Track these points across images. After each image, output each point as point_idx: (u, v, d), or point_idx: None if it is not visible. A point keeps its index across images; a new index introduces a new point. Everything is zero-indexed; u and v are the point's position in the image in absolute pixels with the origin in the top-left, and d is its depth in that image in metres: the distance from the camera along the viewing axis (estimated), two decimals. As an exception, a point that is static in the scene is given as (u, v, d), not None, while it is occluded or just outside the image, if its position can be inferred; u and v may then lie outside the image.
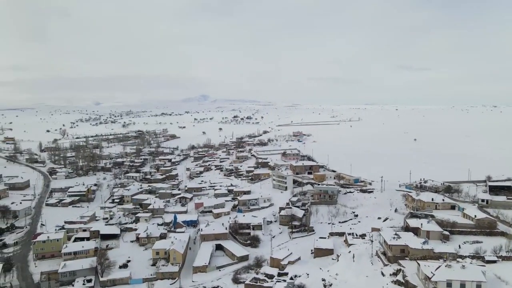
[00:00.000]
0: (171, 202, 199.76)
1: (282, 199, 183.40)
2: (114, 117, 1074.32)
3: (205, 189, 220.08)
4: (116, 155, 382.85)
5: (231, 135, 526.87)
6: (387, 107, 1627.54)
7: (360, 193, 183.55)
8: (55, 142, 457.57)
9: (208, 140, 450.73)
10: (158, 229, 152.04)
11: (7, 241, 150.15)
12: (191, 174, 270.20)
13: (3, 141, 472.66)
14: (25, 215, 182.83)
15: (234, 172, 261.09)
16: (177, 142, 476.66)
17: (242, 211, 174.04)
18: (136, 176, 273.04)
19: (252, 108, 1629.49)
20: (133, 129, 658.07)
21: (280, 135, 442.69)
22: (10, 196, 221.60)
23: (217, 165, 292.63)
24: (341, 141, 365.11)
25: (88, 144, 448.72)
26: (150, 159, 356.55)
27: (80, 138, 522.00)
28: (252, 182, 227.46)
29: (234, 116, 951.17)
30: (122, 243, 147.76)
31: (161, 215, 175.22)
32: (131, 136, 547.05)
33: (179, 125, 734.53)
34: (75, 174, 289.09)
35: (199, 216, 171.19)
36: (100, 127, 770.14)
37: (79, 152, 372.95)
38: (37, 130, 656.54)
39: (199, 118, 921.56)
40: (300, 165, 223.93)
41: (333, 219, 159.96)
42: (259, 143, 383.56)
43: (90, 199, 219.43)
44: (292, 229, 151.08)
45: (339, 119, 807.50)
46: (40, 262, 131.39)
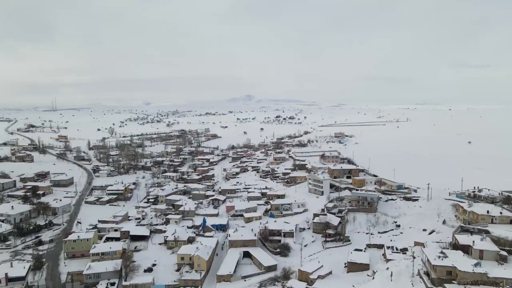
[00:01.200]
0: (204, 204, 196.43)
1: (317, 205, 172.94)
2: (160, 117, 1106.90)
3: (239, 191, 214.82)
4: (157, 154, 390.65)
5: (272, 135, 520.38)
6: (439, 107, 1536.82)
7: (404, 201, 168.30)
8: (102, 141, 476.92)
9: (248, 140, 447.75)
10: (187, 232, 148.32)
11: (44, 238, 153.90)
12: (227, 175, 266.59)
13: (57, 139, 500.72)
14: (64, 212, 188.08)
15: (270, 174, 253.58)
16: (218, 142, 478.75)
17: (274, 216, 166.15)
18: (173, 176, 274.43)
19: (295, 108, 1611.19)
20: (176, 129, 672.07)
21: (321, 136, 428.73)
22: (54, 192, 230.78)
23: (254, 166, 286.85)
24: (386, 143, 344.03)
25: (133, 143, 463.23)
26: (189, 158, 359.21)
27: (126, 136, 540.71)
28: (287, 185, 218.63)
29: (276, 116, 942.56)
30: (150, 245, 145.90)
31: (192, 217, 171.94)
32: (174, 135, 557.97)
33: (221, 125, 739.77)
34: (117, 172, 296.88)
35: (229, 220, 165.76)
36: (146, 126, 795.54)
37: (123, 151, 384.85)
38: (89, 128, 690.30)
39: (242, 118, 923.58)
40: (338, 169, 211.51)
41: (371, 228, 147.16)
42: (298, 144, 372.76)
43: (127, 198, 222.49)
44: (326, 238, 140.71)
45: (386, 120, 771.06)
46: (70, 262, 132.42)
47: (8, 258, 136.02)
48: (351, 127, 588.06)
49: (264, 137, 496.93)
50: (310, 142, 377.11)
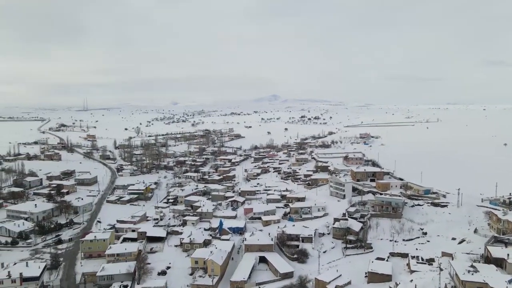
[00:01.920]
0: (223, 205, 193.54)
1: (338, 209, 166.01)
2: (186, 116, 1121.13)
3: (259, 193, 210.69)
4: (180, 153, 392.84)
5: (296, 135, 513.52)
6: (472, 107, 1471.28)
7: (431, 206, 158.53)
8: (128, 140, 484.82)
9: (271, 141, 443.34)
10: (203, 235, 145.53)
11: (63, 237, 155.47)
12: (248, 175, 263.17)
13: (85, 138, 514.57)
14: (85, 211, 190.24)
15: (292, 175, 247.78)
16: (241, 142, 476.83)
17: (293, 219, 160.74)
18: (194, 176, 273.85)
19: (321, 108, 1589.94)
20: (201, 128, 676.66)
21: (345, 136, 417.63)
22: (78, 191, 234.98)
23: (276, 167, 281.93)
24: (414, 144, 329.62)
25: (157, 142, 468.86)
26: (211, 158, 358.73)
27: (151, 136, 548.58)
28: (308, 187, 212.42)
29: (301, 116, 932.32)
30: (166, 247, 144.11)
31: (209, 219, 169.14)
32: (198, 135, 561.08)
33: (245, 125, 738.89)
34: (140, 171, 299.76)
35: (247, 222, 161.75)
36: (172, 126, 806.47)
37: (147, 150, 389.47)
38: (117, 128, 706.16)
39: (266, 118, 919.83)
40: (362, 171, 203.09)
41: (396, 235, 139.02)
42: (322, 145, 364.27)
43: (147, 198, 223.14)
44: (346, 245, 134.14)
45: (415, 120, 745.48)
46: (86, 262, 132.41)
47: (27, 257, 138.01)
48: (378, 127, 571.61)
49: (288, 138, 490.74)
50: (334, 143, 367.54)
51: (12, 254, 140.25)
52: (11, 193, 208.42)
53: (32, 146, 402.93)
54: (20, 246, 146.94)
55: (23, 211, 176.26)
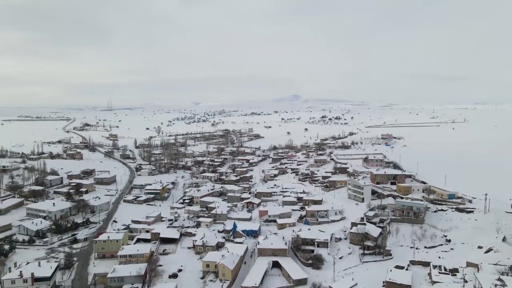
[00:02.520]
0: (238, 207, 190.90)
1: (356, 213, 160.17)
2: (207, 116, 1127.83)
3: (275, 195, 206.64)
4: (199, 153, 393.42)
5: (316, 136, 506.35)
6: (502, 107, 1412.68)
7: (456, 212, 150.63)
8: (149, 140, 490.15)
9: (290, 141, 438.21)
10: (216, 237, 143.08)
11: (79, 237, 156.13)
12: (265, 176, 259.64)
13: (107, 138, 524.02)
14: (102, 211, 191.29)
15: (310, 177, 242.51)
16: (260, 142, 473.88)
17: (309, 223, 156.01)
18: (211, 176, 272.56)
19: (343, 108, 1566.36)
20: (221, 128, 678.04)
21: (366, 137, 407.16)
22: (97, 190, 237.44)
23: (294, 169, 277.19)
24: (438, 146, 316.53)
25: (177, 142, 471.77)
26: (230, 158, 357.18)
27: (172, 136, 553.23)
28: (326, 189, 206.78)
29: (322, 116, 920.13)
30: (179, 248, 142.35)
31: (224, 221, 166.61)
32: (217, 135, 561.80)
33: (265, 125, 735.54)
34: (158, 171, 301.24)
35: (262, 225, 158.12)
36: (192, 125, 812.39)
37: (167, 150, 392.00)
38: (139, 127, 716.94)
39: (286, 118, 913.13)
40: (382, 174, 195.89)
41: (417, 242, 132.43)
42: (341, 145, 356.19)
43: (164, 198, 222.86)
44: (364, 251, 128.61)
45: (440, 121, 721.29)
46: (99, 262, 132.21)
47: (43, 255, 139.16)
48: (401, 128, 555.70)
49: (307, 138, 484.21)
50: (354, 144, 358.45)
51: (28, 252, 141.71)
52: (32, 191, 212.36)
53: (56, 145, 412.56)
54: (37, 244, 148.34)
55: (41, 210, 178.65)
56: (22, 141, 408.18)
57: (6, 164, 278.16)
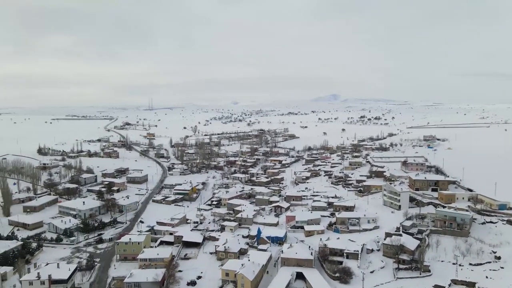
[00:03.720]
0: (266, 211, 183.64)
1: (391, 221, 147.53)
2: (244, 116, 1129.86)
3: (305, 199, 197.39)
4: (232, 153, 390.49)
5: (353, 136, 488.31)
6: None
7: (507, 225, 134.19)
8: (184, 139, 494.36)
9: (326, 142, 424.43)
10: (239, 243, 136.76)
11: (105, 237, 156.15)
12: (297, 179, 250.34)
13: (145, 137, 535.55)
14: (130, 210, 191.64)
15: (343, 180, 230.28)
16: (295, 143, 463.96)
17: (339, 231, 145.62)
18: (241, 177, 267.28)
19: (384, 107, 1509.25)
20: (256, 128, 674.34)
21: (407, 138, 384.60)
22: (128, 189, 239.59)
23: (327, 171, 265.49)
24: (487, 149, 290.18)
25: (211, 141, 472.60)
26: (262, 159, 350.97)
27: (207, 135, 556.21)
28: (360, 194, 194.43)
29: (360, 116, 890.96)
30: (201, 253, 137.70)
31: (249, 225, 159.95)
32: (252, 134, 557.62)
33: (301, 125, 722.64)
34: (189, 171, 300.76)
35: (288, 231, 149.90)
36: (228, 125, 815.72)
37: (201, 149, 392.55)
38: (176, 127, 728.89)
39: (324, 118, 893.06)
40: (422, 179, 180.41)
41: (460, 258, 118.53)
42: (379, 147, 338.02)
43: (192, 199, 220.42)
44: (398, 265, 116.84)
45: (490, 121, 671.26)
46: (120, 264, 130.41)
47: (68, 255, 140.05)
48: (446, 129, 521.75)
49: (344, 139, 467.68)
50: (393, 145, 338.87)
51: (55, 251, 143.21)
52: (66, 189, 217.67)
53: (96, 144, 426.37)
54: (64, 243, 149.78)
55: (72, 208, 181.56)
56: (65, 139, 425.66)
57: (47, 161, 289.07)
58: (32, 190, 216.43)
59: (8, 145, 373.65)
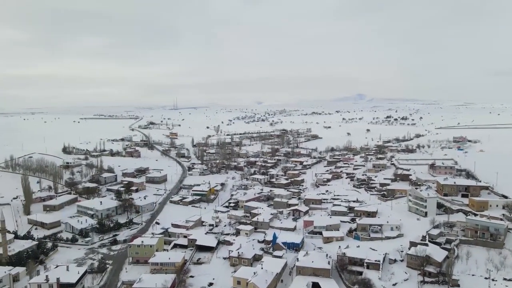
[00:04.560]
0: (284, 214, 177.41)
1: (417, 229, 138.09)
2: (267, 116, 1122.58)
3: (325, 202, 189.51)
4: (253, 153, 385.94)
5: (378, 137, 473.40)
6: None
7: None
8: (206, 138, 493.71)
9: (349, 143, 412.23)
10: (253, 249, 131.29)
11: (119, 238, 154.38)
12: (317, 181, 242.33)
13: (167, 136, 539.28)
14: (146, 211, 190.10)
15: (366, 183, 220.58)
16: (317, 143, 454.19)
17: (360, 238, 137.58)
18: (261, 179, 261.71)
19: (411, 107, 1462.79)
20: (278, 128, 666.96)
21: (435, 140, 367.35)
22: (147, 189, 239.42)
23: (349, 173, 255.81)
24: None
25: (233, 141, 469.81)
26: (283, 160, 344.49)
27: (229, 135, 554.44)
28: (383, 199, 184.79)
29: (386, 116, 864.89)
30: (215, 258, 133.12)
31: (265, 229, 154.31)
32: (274, 134, 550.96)
33: (324, 125, 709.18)
34: (209, 171, 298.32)
35: (306, 237, 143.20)
36: (251, 125, 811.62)
37: (222, 149, 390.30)
38: (199, 126, 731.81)
39: (348, 118, 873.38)
40: (451, 184, 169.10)
41: (494, 272, 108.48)
42: (405, 149, 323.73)
43: (210, 200, 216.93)
44: (424, 278, 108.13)
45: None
46: (132, 268, 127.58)
47: (82, 256, 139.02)
48: (478, 130, 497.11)
49: (368, 140, 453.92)
50: (420, 147, 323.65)
51: (69, 252, 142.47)
52: (86, 188, 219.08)
53: (119, 143, 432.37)
54: (79, 244, 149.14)
55: (89, 208, 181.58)
56: (89, 138, 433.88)
57: (70, 160, 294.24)
58: (53, 189, 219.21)
59: (36, 143, 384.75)
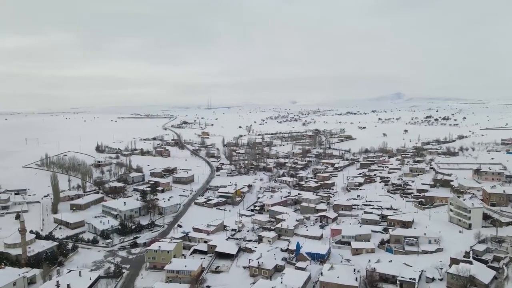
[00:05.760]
0: (310, 220, 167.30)
1: (459, 244, 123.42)
2: (301, 115, 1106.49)
3: (356, 209, 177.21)
4: (283, 154, 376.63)
5: (416, 138, 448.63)
6: None
7: None
8: (237, 138, 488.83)
9: (385, 144, 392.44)
10: (275, 258, 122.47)
11: (140, 240, 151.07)
12: (348, 185, 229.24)
13: (199, 136, 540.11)
14: (170, 213, 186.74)
15: (401, 188, 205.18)
16: (351, 144, 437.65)
17: (393, 251, 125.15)
18: (289, 181, 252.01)
19: (453, 107, 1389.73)
20: (311, 128, 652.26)
21: (480, 142, 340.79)
22: (173, 189, 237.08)
23: (383, 177, 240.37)
24: None
25: (263, 141, 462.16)
26: (314, 161, 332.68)
27: (261, 134, 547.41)
28: (420, 207, 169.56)
29: (426, 116, 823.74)
30: (234, 267, 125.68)
31: (289, 237, 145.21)
32: (306, 135, 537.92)
33: (359, 125, 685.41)
34: (237, 172, 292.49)
35: (332, 247, 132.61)
36: (283, 124, 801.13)
37: (252, 149, 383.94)
38: (232, 126, 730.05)
39: (384, 118, 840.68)
40: (499, 192, 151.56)
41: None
42: (446, 152, 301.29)
43: (235, 203, 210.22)
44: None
45: None
46: (149, 274, 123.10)
47: (101, 258, 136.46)
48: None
49: (406, 141, 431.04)
50: (463, 150, 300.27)
51: (89, 253, 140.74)
52: (113, 187, 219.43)
53: (151, 142, 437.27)
54: (99, 245, 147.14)
55: (113, 208, 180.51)
56: (122, 137, 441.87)
57: (101, 159, 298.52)
58: (82, 188, 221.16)
59: (73, 142, 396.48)
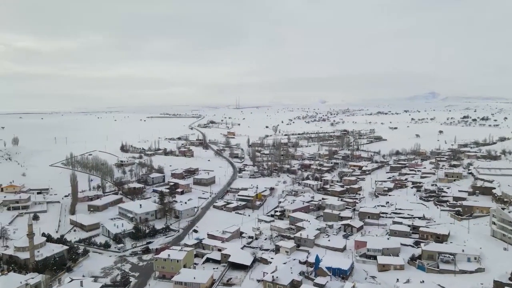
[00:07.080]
0: (334, 229, 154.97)
1: (503, 263, 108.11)
2: (329, 115, 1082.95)
3: (384, 217, 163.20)
4: (309, 155, 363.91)
5: (452, 140, 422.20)
6: None
7: None
8: (263, 138, 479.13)
9: (418, 146, 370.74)
10: (292, 272, 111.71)
11: (152, 246, 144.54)
12: (377, 190, 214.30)
13: (225, 135, 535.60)
14: (187, 216, 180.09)
15: (436, 196, 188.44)
16: (381, 145, 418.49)
17: (425, 269, 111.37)
18: (313, 185, 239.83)
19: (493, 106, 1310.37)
20: (339, 128, 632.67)
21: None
22: (193, 191, 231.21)
23: (415, 182, 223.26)
24: None
25: (289, 142, 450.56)
26: (341, 164, 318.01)
27: (287, 135, 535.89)
28: (458, 217, 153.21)
29: (463, 116, 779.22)
30: (248, 279, 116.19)
31: (309, 247, 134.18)
32: (334, 135, 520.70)
33: (390, 126, 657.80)
34: (260, 173, 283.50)
35: (356, 261, 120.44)
36: (311, 124, 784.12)
37: (277, 150, 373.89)
38: (259, 126, 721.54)
39: (417, 118, 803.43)
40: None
41: None
42: (487, 155, 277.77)
43: (255, 207, 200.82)
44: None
45: None
46: (157, 283, 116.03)
47: (111, 264, 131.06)
48: None
49: (441, 142, 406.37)
50: (506, 153, 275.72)
51: (99, 258, 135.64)
52: (132, 189, 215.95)
53: (175, 142, 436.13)
54: (111, 250, 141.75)
55: (129, 210, 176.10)
56: (148, 136, 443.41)
57: (124, 159, 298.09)
58: (101, 188, 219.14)
59: (100, 141, 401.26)
